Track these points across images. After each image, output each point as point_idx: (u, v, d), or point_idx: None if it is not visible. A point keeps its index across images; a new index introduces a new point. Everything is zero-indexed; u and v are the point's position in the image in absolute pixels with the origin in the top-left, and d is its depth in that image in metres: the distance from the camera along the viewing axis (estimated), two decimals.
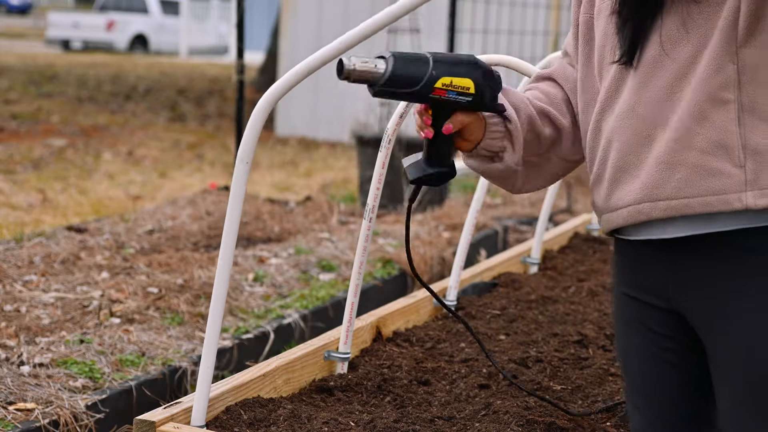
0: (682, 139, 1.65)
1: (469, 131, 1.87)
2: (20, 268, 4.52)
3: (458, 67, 1.85)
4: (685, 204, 1.65)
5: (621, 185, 1.73)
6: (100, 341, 3.64)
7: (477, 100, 1.85)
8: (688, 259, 1.70)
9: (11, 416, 3.01)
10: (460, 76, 1.84)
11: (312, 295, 4.45)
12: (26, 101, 13.46)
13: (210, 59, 24.28)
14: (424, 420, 2.38)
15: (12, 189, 7.92)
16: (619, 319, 1.87)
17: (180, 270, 4.52)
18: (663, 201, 1.67)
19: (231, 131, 10.43)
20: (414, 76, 1.83)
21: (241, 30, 6.50)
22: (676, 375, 1.77)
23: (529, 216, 7.05)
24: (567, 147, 1.92)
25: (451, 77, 1.84)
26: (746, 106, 1.63)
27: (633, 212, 1.71)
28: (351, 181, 8.67)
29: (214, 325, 2.08)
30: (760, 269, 1.64)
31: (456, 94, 1.84)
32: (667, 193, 1.66)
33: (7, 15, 39.18)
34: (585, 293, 3.58)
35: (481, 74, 1.85)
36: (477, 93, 1.85)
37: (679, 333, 1.75)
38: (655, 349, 1.78)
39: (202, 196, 6.28)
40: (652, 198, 1.68)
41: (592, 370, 2.81)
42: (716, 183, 1.63)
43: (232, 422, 2.26)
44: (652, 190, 1.68)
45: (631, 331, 1.82)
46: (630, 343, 1.83)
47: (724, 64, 1.63)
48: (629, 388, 1.85)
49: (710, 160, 1.63)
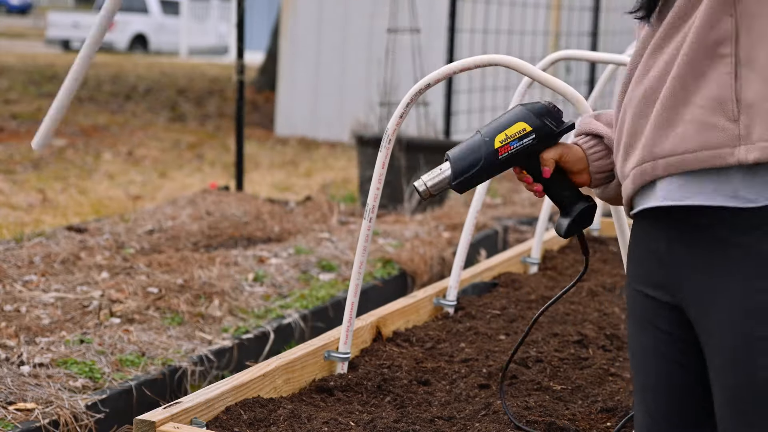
0: (680, 95, 1.64)
1: (569, 163, 1.91)
2: (20, 268, 4.52)
3: (503, 119, 1.92)
4: (681, 160, 1.63)
5: (633, 150, 1.72)
6: (100, 341, 3.64)
7: (541, 134, 1.90)
8: (678, 231, 1.68)
9: (11, 416, 3.01)
10: (509, 126, 1.90)
11: (312, 295, 4.45)
12: (26, 101, 13.46)
13: (210, 59, 24.28)
14: (424, 420, 2.38)
15: (12, 189, 7.92)
16: (630, 316, 1.87)
17: (180, 270, 4.52)
18: (662, 159, 1.65)
19: (231, 131, 10.43)
20: (474, 156, 1.90)
21: (241, 30, 6.50)
22: (684, 375, 1.76)
23: (529, 216, 7.05)
24: None
25: (503, 131, 1.90)
26: (743, 60, 1.61)
27: (637, 174, 1.70)
28: (351, 181, 8.67)
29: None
30: (747, 256, 1.61)
31: (518, 141, 1.89)
32: (666, 150, 1.65)
33: (7, 15, 39.19)
34: (585, 293, 3.58)
35: (527, 112, 1.91)
36: (535, 128, 1.90)
37: (685, 331, 1.74)
38: (664, 348, 1.77)
39: (202, 196, 6.28)
40: (652, 156, 1.67)
41: (592, 370, 2.82)
42: (711, 138, 1.61)
43: (232, 422, 2.26)
44: (651, 149, 1.67)
45: (640, 329, 1.82)
46: (639, 341, 1.82)
47: (721, 17, 1.61)
48: (636, 385, 1.85)
49: (706, 115, 1.62)
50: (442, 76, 2.40)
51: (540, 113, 1.91)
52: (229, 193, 6.46)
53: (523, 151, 1.89)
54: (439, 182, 1.96)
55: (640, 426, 1.85)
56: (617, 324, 3.25)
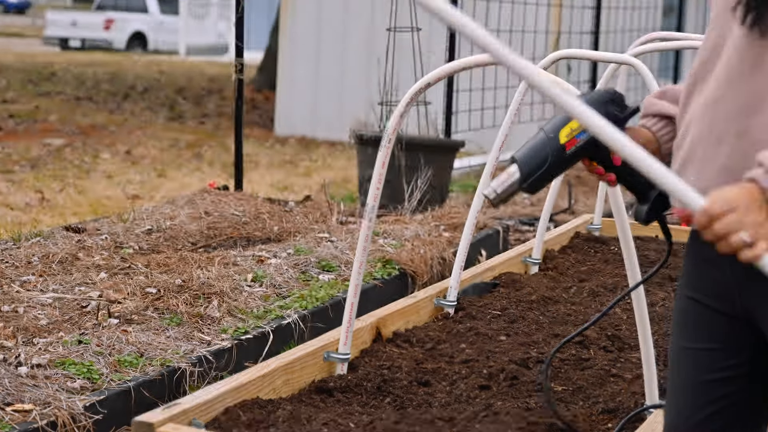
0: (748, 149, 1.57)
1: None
2: (18, 268, 4.50)
3: (565, 115, 1.88)
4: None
5: (685, 174, 1.67)
6: (98, 342, 3.62)
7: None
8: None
9: (9, 417, 2.99)
10: (572, 120, 1.86)
11: (311, 295, 4.43)
12: (24, 100, 13.45)
13: (209, 58, 24.27)
14: (424, 421, 2.37)
15: (10, 189, 7.90)
16: (676, 320, 1.81)
17: (179, 270, 4.51)
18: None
19: (230, 130, 10.40)
20: (542, 155, 1.87)
21: (241, 29, 6.48)
22: (723, 389, 1.71)
23: (530, 216, 7.04)
24: None
25: (567, 125, 1.87)
26: None
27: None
28: (351, 180, 8.66)
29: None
30: None
31: (584, 133, 1.86)
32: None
33: (5, 14, 39.19)
34: (586, 293, 3.57)
35: (589, 101, 1.86)
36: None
37: (736, 345, 1.70)
38: (707, 360, 1.72)
39: (201, 196, 6.26)
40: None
41: (593, 371, 2.80)
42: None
43: (231, 423, 2.25)
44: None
45: (685, 334, 1.77)
46: (680, 346, 1.78)
47: None
48: (669, 386, 1.82)
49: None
50: (443, 75, 2.39)
51: (602, 101, 1.87)
52: (228, 192, 6.45)
53: (591, 142, 1.85)
54: (508, 186, 1.90)
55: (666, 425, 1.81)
56: (618, 325, 3.23)
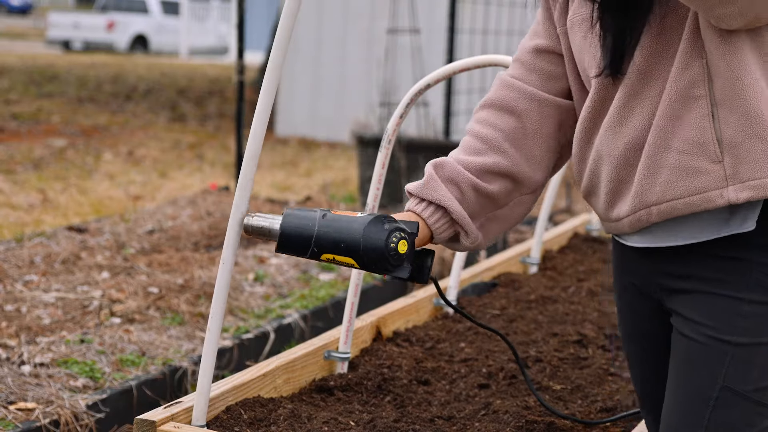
0: (660, 142, 1.65)
1: None
2: (21, 268, 4.52)
3: (344, 233, 1.83)
4: (672, 207, 1.65)
5: (620, 198, 1.74)
6: (100, 341, 3.65)
7: (367, 268, 1.85)
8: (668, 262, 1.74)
9: (12, 416, 3.01)
10: (340, 254, 1.84)
11: (312, 295, 4.45)
12: (27, 101, 13.47)
13: (210, 59, 24.29)
14: (423, 420, 2.38)
15: (12, 189, 7.92)
16: (618, 306, 1.98)
17: (180, 270, 4.53)
18: (654, 206, 1.67)
19: (231, 131, 10.43)
20: (305, 242, 1.84)
21: (242, 30, 6.51)
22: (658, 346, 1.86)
23: (529, 216, 7.05)
24: (530, 180, 1.92)
25: (331, 253, 1.83)
26: (718, 100, 1.61)
27: (634, 221, 1.72)
28: (351, 181, 8.68)
29: (215, 325, 2.09)
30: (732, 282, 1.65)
31: (344, 264, 1.85)
32: (655, 198, 1.67)
33: (8, 15, 39.20)
34: (584, 293, 3.58)
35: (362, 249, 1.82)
36: (362, 265, 1.84)
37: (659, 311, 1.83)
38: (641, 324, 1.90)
39: (203, 197, 6.28)
40: (644, 205, 1.69)
41: (591, 370, 2.82)
42: (697, 182, 1.63)
43: (233, 422, 2.26)
44: (641, 198, 1.69)
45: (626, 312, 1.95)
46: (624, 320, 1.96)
47: (692, 60, 1.62)
48: (627, 361, 2.00)
49: (688, 160, 1.63)
50: (442, 77, 2.41)
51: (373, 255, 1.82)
52: (229, 193, 6.47)
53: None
54: (261, 231, 1.89)
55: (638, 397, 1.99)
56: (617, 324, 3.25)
